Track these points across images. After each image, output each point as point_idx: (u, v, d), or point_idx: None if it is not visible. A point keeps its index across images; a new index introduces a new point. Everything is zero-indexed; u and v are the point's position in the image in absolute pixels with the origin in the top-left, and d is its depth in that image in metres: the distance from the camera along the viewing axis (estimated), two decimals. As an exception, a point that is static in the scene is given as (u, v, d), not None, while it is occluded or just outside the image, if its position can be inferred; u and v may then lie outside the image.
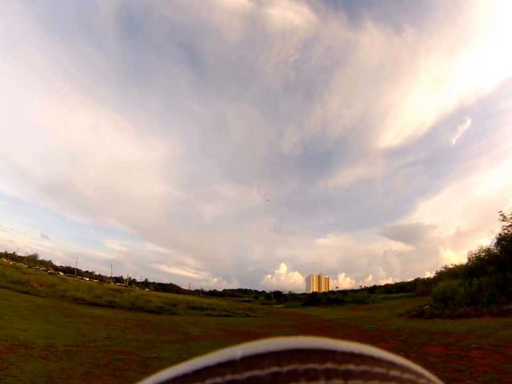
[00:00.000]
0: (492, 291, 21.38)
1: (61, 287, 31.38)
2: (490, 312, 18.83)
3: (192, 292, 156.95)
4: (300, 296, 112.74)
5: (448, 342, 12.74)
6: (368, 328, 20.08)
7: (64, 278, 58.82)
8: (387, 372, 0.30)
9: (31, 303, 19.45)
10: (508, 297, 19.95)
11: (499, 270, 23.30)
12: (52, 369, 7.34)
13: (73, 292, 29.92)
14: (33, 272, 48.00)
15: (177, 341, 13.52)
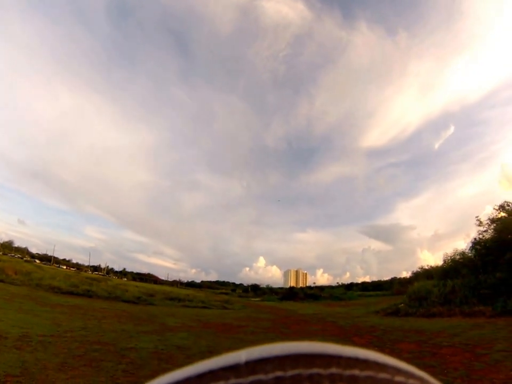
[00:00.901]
0: (464, 293, 22.27)
1: (36, 275, 30.89)
2: (462, 313, 19.71)
3: (170, 283, 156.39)
4: (278, 290, 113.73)
5: (421, 339, 13.19)
6: (344, 323, 20.45)
7: (41, 266, 57.87)
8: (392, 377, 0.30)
9: (6, 292, 19.18)
10: (479, 299, 20.76)
11: (472, 273, 24.27)
12: (27, 360, 7.30)
13: (50, 280, 29.53)
14: (8, 260, 47.05)
15: (154, 332, 13.53)
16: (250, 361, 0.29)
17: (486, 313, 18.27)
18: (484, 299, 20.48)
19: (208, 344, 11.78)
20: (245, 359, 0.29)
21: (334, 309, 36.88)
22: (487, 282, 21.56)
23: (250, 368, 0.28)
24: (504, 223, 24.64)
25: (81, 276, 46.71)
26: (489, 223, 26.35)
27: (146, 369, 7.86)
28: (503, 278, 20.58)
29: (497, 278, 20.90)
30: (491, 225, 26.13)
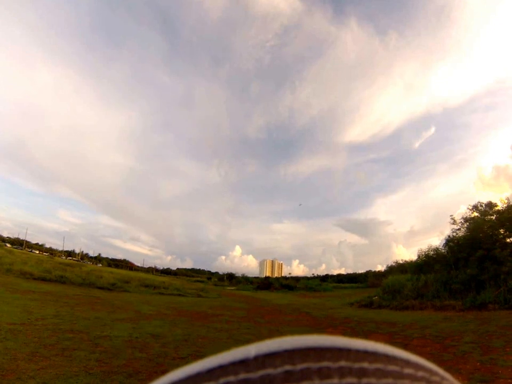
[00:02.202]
0: (436, 287, 23.17)
1: (6, 260, 30.06)
2: (433, 306, 20.54)
3: (146, 269, 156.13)
4: (253, 279, 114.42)
5: (393, 331, 13.60)
6: (318, 314, 20.77)
7: (12, 250, 56.41)
8: (401, 369, 0.29)
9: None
10: (450, 294, 21.78)
11: (444, 269, 25.27)
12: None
13: (21, 265, 28.82)
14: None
15: (129, 320, 13.43)
16: (259, 356, 0.29)
17: (456, 307, 19.15)
18: (454, 294, 21.49)
19: (183, 333, 11.75)
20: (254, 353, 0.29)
21: (308, 299, 37.40)
22: (458, 278, 22.47)
23: (259, 362, 0.28)
24: (476, 222, 25.69)
25: (55, 261, 45.89)
26: (463, 222, 27.50)
27: (121, 358, 7.77)
28: (473, 275, 21.61)
29: (468, 274, 21.92)
30: (464, 224, 27.30)
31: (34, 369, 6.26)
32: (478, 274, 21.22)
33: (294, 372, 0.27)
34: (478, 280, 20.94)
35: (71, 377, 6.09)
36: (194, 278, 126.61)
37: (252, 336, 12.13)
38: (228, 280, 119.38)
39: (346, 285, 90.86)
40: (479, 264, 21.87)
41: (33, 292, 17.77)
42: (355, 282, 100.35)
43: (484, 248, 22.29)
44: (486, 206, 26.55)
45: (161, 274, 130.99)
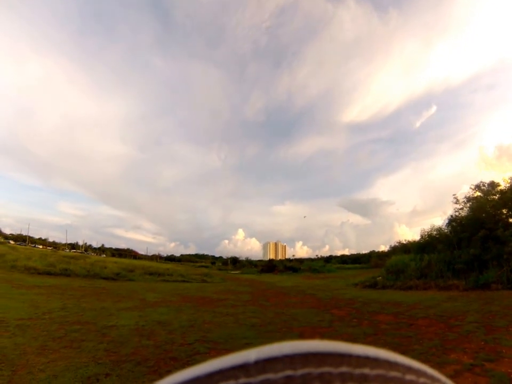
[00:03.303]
0: (439, 267, 23.27)
1: (10, 257, 30.27)
2: (437, 286, 20.73)
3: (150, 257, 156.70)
4: (257, 262, 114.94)
5: (398, 311, 13.72)
6: (323, 296, 20.90)
7: (15, 246, 56.80)
8: (403, 376, 0.29)
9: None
10: (453, 273, 21.90)
11: (448, 249, 25.28)
12: (5, 345, 7.26)
13: (25, 261, 28.99)
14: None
15: (135, 308, 13.59)
16: (260, 360, 0.29)
17: (460, 286, 19.35)
18: (457, 273, 21.63)
19: (189, 318, 11.90)
20: (255, 358, 0.29)
21: (313, 281, 37.54)
22: (461, 258, 22.59)
23: (260, 367, 0.28)
24: (479, 202, 25.60)
25: (58, 255, 46.08)
26: (465, 202, 27.30)
27: (128, 346, 7.91)
28: (476, 254, 21.70)
29: (471, 254, 21.98)
30: (467, 204, 27.12)
31: (44, 362, 6.38)
32: (481, 254, 21.33)
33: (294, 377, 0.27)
34: (481, 260, 21.06)
35: (81, 368, 6.21)
36: (198, 264, 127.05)
37: (258, 319, 12.26)
38: (231, 264, 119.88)
39: (350, 266, 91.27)
40: (482, 244, 21.95)
41: (39, 287, 17.93)
42: (359, 263, 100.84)
43: (487, 228, 22.32)
44: (489, 186, 26.37)
45: (165, 262, 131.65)
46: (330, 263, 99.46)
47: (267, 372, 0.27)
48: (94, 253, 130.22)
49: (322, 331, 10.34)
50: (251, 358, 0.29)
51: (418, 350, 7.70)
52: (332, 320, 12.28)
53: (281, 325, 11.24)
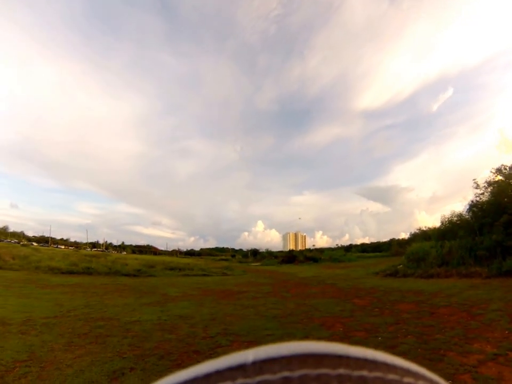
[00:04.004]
0: (461, 254, 22.71)
1: (34, 258, 30.82)
2: (458, 274, 20.29)
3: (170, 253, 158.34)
4: (277, 254, 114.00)
5: (419, 300, 13.54)
6: (344, 285, 20.80)
7: (38, 248, 57.89)
8: (401, 378, 0.29)
9: (4, 278, 19.25)
10: (475, 260, 21.34)
11: (469, 235, 24.65)
12: (33, 343, 7.43)
13: (48, 261, 29.54)
14: (5, 246, 47.00)
15: (156, 303, 13.76)
16: (257, 361, 0.28)
17: (482, 274, 18.85)
18: (480, 260, 21.07)
19: (210, 312, 12.00)
20: (252, 358, 0.29)
21: (333, 271, 37.29)
22: (483, 244, 21.98)
23: (257, 368, 0.28)
24: (500, 186, 24.88)
25: (80, 254, 46.95)
26: (486, 186, 26.50)
27: (151, 341, 8.04)
28: (498, 241, 21.03)
29: (493, 240, 21.33)
30: (488, 188, 26.33)
31: (71, 358, 6.53)
32: (504, 240, 20.68)
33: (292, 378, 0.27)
34: (504, 246, 20.41)
35: (106, 363, 6.34)
36: (218, 257, 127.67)
37: (279, 310, 12.28)
38: (252, 256, 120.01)
39: (371, 254, 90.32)
40: (504, 229, 21.30)
41: (63, 286, 18.29)
42: (379, 251, 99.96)
43: (509, 213, 21.62)
44: (510, 169, 25.51)
45: (185, 256, 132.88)
46: (350, 252, 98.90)
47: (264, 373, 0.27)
48: (115, 251, 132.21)
49: (343, 321, 10.32)
50: (248, 358, 0.29)
51: (441, 340, 7.61)
52: (353, 309, 12.25)
53: (302, 316, 11.24)
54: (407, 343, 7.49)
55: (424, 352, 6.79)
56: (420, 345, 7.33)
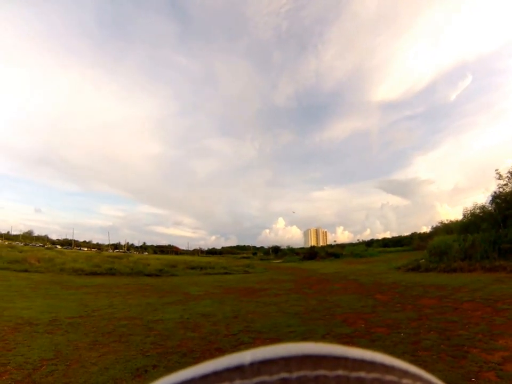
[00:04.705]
0: (484, 247, 22.20)
1: (59, 261, 31.38)
2: (482, 267, 19.81)
3: (191, 252, 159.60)
4: (298, 250, 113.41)
5: (442, 294, 13.29)
6: (366, 281, 20.59)
7: (62, 251, 58.98)
8: (399, 380, 0.29)
9: (31, 281, 19.65)
10: (499, 254, 20.86)
11: (492, 227, 24.06)
12: (59, 342, 7.58)
13: (72, 263, 30.03)
14: (30, 249, 48.02)
15: (178, 302, 13.87)
16: (255, 362, 0.28)
17: (507, 268, 18.36)
18: (504, 254, 20.57)
19: (232, 309, 12.04)
20: (250, 359, 0.29)
21: (355, 266, 37.00)
22: (508, 237, 21.46)
23: (255, 369, 0.28)
24: None
25: (103, 255, 47.64)
26: (510, 176, 25.86)
27: (174, 339, 8.10)
28: None
29: None
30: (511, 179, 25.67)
31: (96, 356, 6.64)
32: None
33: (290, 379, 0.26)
34: None
35: (130, 361, 6.42)
36: (239, 255, 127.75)
37: (301, 307, 12.23)
38: (273, 254, 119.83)
39: (392, 249, 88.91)
40: None
41: (87, 286, 18.58)
42: (401, 245, 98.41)
43: None
44: None
45: (206, 255, 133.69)
46: (371, 247, 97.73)
47: (262, 374, 0.27)
48: (137, 251, 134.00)
49: (365, 317, 10.21)
50: (246, 359, 0.29)
51: (464, 336, 7.44)
52: (375, 305, 12.11)
53: (324, 312, 11.17)
54: (430, 339, 7.34)
55: (447, 349, 6.65)
56: (442, 341, 7.18)
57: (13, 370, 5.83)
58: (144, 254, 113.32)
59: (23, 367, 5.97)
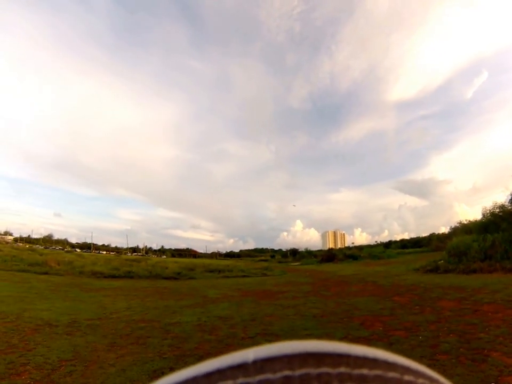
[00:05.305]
0: (505, 247, 21.66)
1: (78, 263, 31.86)
2: (503, 268, 19.20)
3: (209, 255, 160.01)
4: (316, 252, 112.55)
5: (461, 296, 12.93)
6: (384, 283, 20.28)
7: (81, 254, 60.09)
8: (401, 376, 0.29)
9: (51, 283, 19.94)
10: None
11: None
12: (78, 343, 7.64)
13: (91, 266, 30.45)
14: (50, 252, 48.88)
15: (196, 305, 13.86)
16: (258, 360, 0.28)
17: None
18: None
19: (250, 312, 11.98)
20: (253, 358, 0.29)
21: (373, 268, 36.46)
22: None
23: (258, 367, 0.27)
24: None
25: (121, 259, 48.18)
26: None
27: (191, 341, 8.08)
28: None
29: None
30: None
31: (114, 358, 6.67)
32: None
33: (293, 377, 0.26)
34: None
35: (147, 363, 6.43)
36: (257, 258, 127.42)
37: (319, 310, 12.10)
38: (291, 256, 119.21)
39: (411, 250, 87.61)
40: None
41: (105, 289, 18.77)
42: (419, 246, 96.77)
43: None
44: None
45: (224, 258, 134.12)
46: (390, 248, 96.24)
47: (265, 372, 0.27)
48: (155, 255, 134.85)
49: (383, 319, 10.04)
50: (249, 357, 0.29)
51: (484, 339, 7.21)
52: (393, 307, 11.90)
53: (342, 315, 11.03)
54: (449, 342, 7.15)
55: (466, 352, 6.46)
56: (462, 344, 6.98)
57: (32, 370, 5.90)
58: (162, 257, 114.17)
59: (42, 367, 6.03)
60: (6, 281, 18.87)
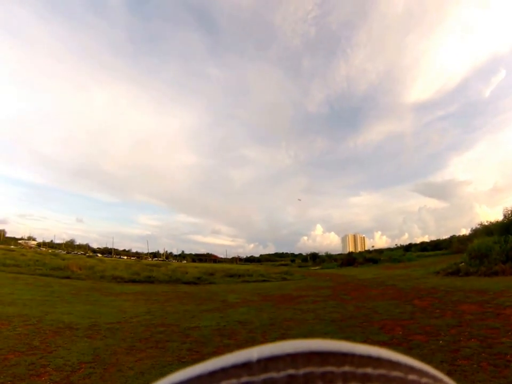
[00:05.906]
0: None
1: (99, 268, 32.23)
2: None
3: (229, 260, 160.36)
4: (336, 256, 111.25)
5: (483, 299, 12.59)
6: (404, 286, 19.93)
7: (102, 259, 60.88)
8: (405, 376, 0.29)
9: (72, 287, 20.18)
10: None
11: None
12: (97, 346, 7.69)
13: (112, 271, 30.75)
14: (72, 257, 49.73)
15: (216, 309, 13.84)
16: (262, 359, 0.28)
17: None
18: None
19: (269, 317, 11.89)
20: (257, 356, 0.28)
21: (393, 271, 35.87)
22: None
23: (262, 366, 0.27)
24: None
25: (142, 264, 48.58)
26: None
27: (210, 346, 8.07)
28: None
29: None
30: None
31: (133, 361, 6.68)
32: None
33: (297, 376, 0.26)
34: None
35: (166, 366, 6.43)
36: (278, 262, 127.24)
37: (338, 314, 11.95)
38: (311, 260, 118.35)
39: (431, 253, 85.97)
40: None
41: (126, 293, 18.92)
42: (439, 249, 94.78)
43: None
44: None
45: (245, 263, 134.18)
46: (410, 252, 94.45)
47: (269, 371, 0.27)
48: (175, 260, 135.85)
49: (403, 323, 9.83)
50: (253, 356, 0.29)
51: (507, 344, 6.96)
52: (413, 311, 11.66)
53: (361, 319, 10.86)
54: (470, 347, 6.93)
55: (488, 357, 6.25)
56: (483, 349, 6.76)
57: (52, 371, 5.96)
58: (182, 262, 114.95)
59: (62, 369, 6.09)
60: (30, 285, 19.18)
